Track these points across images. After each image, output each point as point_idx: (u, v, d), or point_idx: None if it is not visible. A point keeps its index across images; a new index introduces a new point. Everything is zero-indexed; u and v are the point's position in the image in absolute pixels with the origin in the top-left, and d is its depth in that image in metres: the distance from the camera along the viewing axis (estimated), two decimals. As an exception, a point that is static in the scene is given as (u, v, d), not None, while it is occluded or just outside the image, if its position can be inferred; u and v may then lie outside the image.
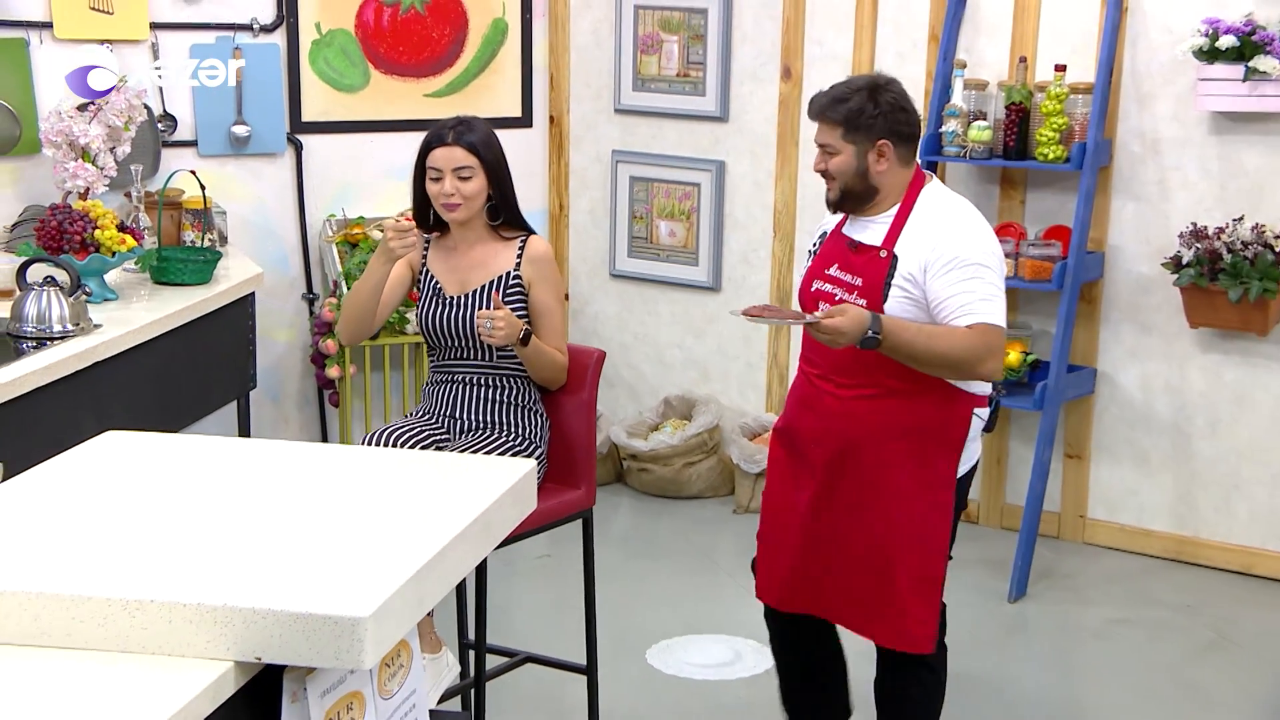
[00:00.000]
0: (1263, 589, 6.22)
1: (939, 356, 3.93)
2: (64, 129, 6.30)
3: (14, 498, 3.49)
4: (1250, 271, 5.95)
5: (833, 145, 4.08)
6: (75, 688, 2.73)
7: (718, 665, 5.46)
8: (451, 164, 4.54)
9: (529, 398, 4.62)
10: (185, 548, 3.23)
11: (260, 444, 4.64)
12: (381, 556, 3.15)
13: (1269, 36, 5.89)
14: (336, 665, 2.92)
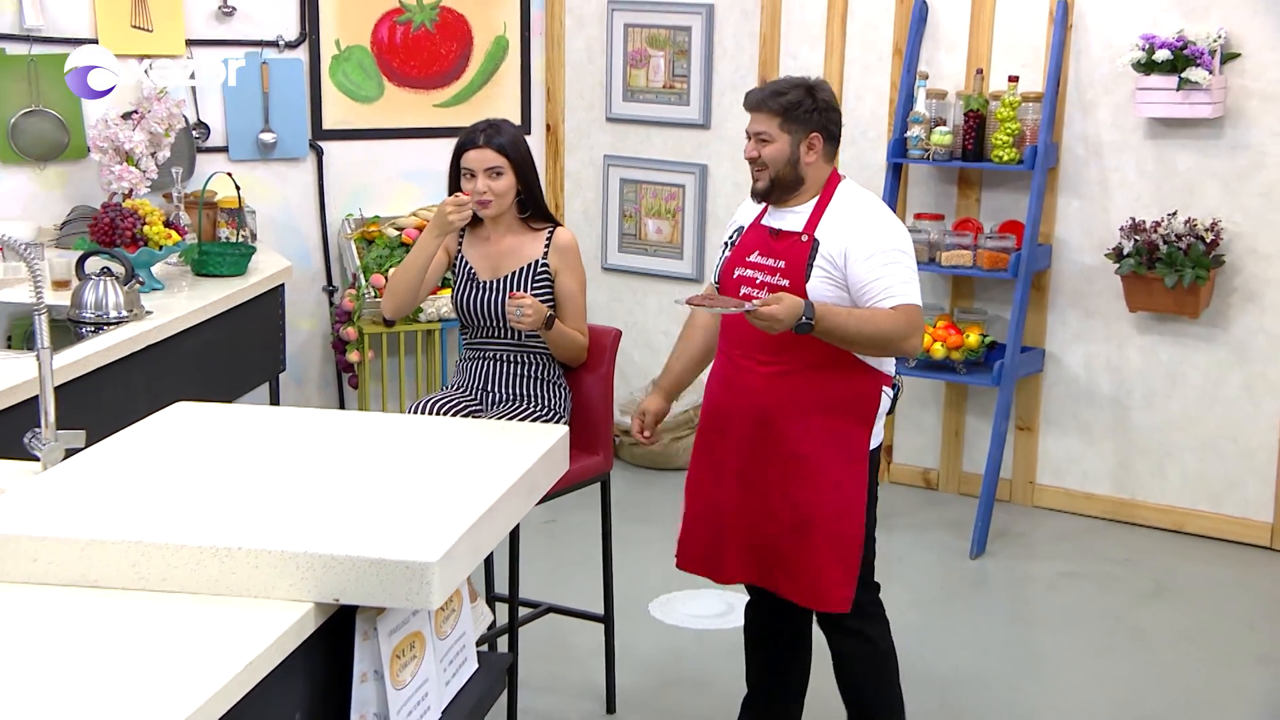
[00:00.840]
0: (1194, 544, 6.31)
1: (868, 337, 3.92)
2: (110, 136, 6.32)
3: (102, 461, 3.54)
4: (1184, 261, 6.04)
5: (769, 134, 4.06)
6: (172, 627, 2.78)
7: (713, 616, 5.49)
8: (483, 164, 4.58)
9: (553, 373, 4.65)
10: (265, 502, 3.29)
11: (319, 412, 4.66)
12: (442, 509, 3.22)
13: (1199, 51, 5.97)
14: (407, 605, 2.99)
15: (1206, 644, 5.46)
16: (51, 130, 6.52)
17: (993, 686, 5.05)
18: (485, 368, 4.68)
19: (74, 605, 2.87)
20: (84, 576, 2.96)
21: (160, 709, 2.43)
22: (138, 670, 2.59)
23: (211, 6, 6.79)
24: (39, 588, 2.95)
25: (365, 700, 3.10)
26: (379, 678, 3.10)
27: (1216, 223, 6.13)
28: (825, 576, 4.04)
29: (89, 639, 2.75)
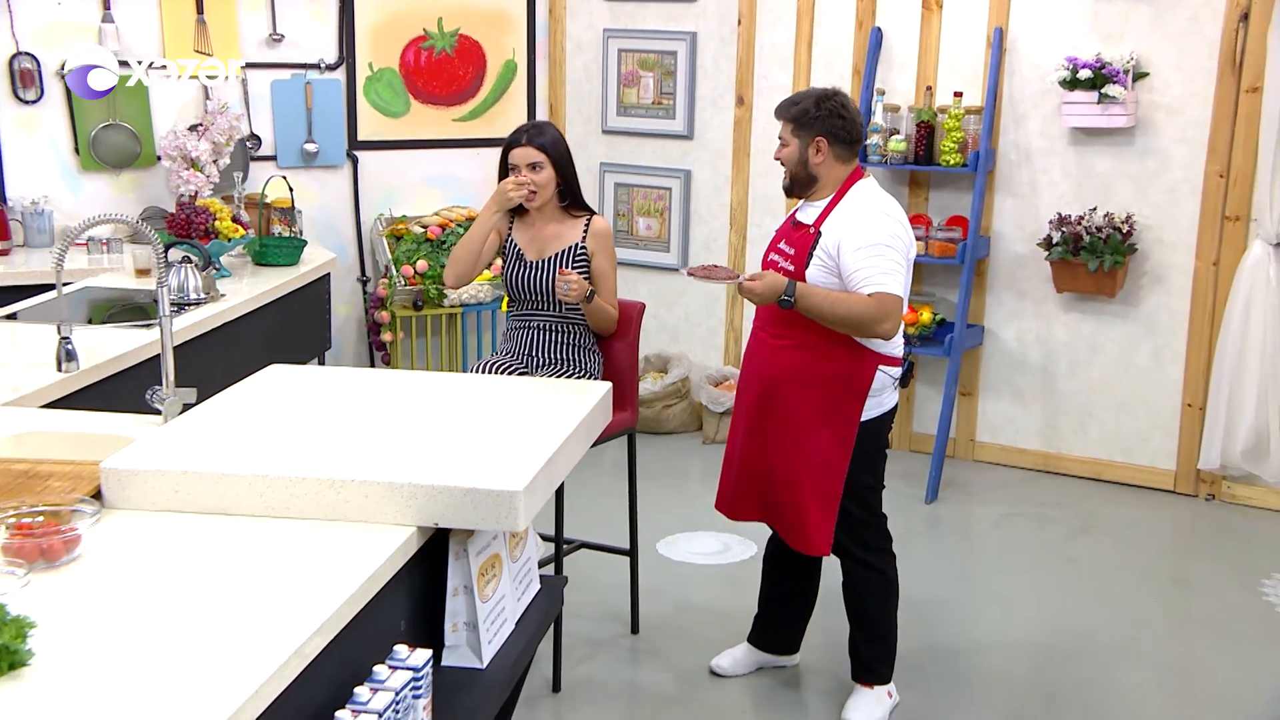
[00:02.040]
0: (1112, 490, 6.42)
1: (840, 318, 3.93)
2: (179, 145, 6.35)
3: (216, 412, 3.60)
4: (1104, 248, 6.15)
5: (784, 138, 4.11)
6: (296, 548, 2.86)
7: (712, 553, 5.55)
8: (525, 159, 4.61)
9: (588, 340, 4.70)
10: (368, 443, 3.37)
11: (397, 372, 4.72)
12: (520, 448, 3.29)
13: (1115, 70, 6.05)
14: (497, 528, 3.08)
15: (1127, 570, 5.57)
16: (126, 142, 6.56)
17: (951, 606, 5.14)
18: (530, 336, 4.70)
19: (210, 530, 2.94)
20: (218, 505, 3.03)
21: (294, 618, 2.49)
22: (270, 585, 2.67)
23: (263, 34, 6.82)
24: (180, 515, 3.01)
25: (457, 611, 3.19)
26: (468, 591, 3.19)
27: (1130, 216, 6.22)
28: (809, 524, 4.10)
29: (226, 559, 2.81)
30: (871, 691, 4.27)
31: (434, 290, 6.89)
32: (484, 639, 3.23)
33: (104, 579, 2.69)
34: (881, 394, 4.12)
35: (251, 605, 2.59)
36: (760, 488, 4.23)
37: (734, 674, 4.52)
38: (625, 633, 4.84)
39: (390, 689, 2.68)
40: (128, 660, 2.37)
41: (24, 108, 6.36)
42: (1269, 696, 4.44)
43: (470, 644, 3.21)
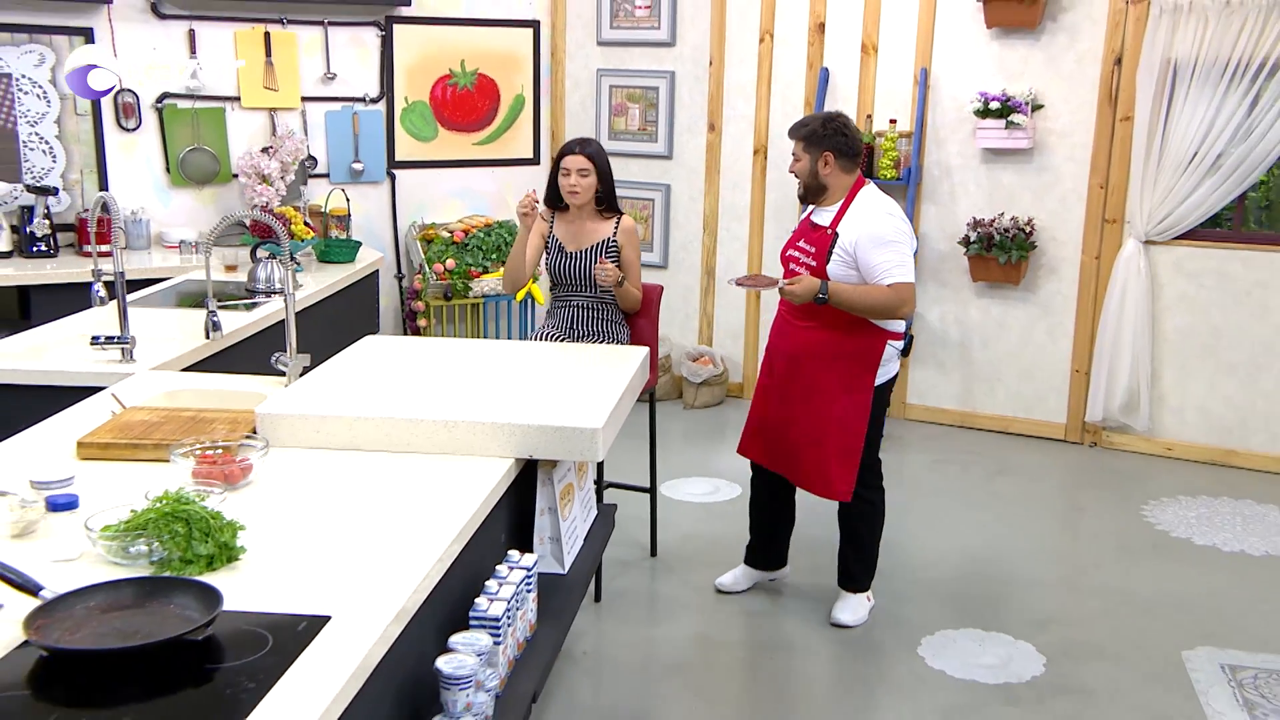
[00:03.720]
0: (1017, 440, 6.52)
1: (869, 307, 3.98)
2: (253, 164, 6.39)
3: (332, 373, 3.69)
4: (1011, 245, 6.25)
5: (796, 154, 4.13)
6: (419, 477, 2.96)
7: (706, 494, 5.60)
8: (575, 165, 4.64)
9: (617, 316, 4.74)
10: (467, 392, 3.46)
11: (472, 340, 4.73)
12: (592, 396, 3.40)
13: (1018, 103, 6.16)
14: (581, 458, 3.19)
15: (1034, 500, 5.72)
16: (208, 162, 6.54)
17: (891, 532, 5.09)
18: (571, 314, 4.72)
19: (348, 462, 3.04)
20: (351, 443, 3.14)
21: (436, 526, 2.61)
22: (403, 507, 2.76)
23: (319, 73, 6.81)
24: (321, 450, 3.12)
25: (543, 527, 3.32)
26: (553, 512, 3.32)
27: (1031, 220, 6.32)
28: (833, 475, 4.14)
29: (367, 483, 2.91)
30: (856, 596, 4.36)
31: (460, 284, 6.95)
32: (565, 550, 3.36)
33: (275, 497, 2.80)
34: (889, 363, 4.18)
35: (399, 516, 2.70)
36: (786, 445, 4.25)
37: (735, 590, 4.56)
38: (646, 556, 4.89)
39: (511, 583, 2.82)
40: (313, 554, 2.49)
41: (125, 134, 6.36)
42: (1150, 587, 4.63)
43: (554, 554, 3.33)
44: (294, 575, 2.38)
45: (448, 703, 2.43)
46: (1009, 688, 3.91)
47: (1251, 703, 3.82)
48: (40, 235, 5.91)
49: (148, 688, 1.97)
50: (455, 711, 2.43)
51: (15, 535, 2.55)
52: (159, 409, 3.40)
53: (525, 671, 2.84)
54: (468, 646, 2.51)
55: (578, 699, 3.80)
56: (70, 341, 4.27)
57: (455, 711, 2.43)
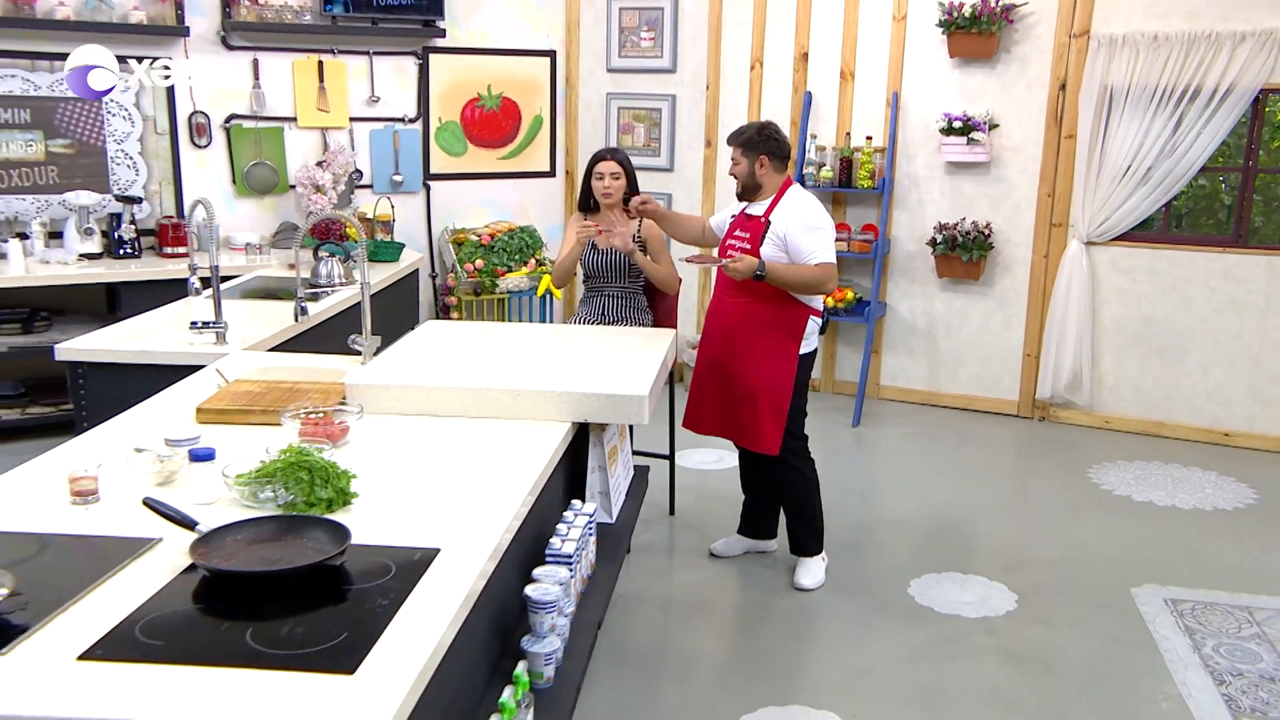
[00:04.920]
0: (977, 416, 6.56)
1: (800, 282, 3.99)
2: (309, 176, 6.44)
3: (404, 352, 3.75)
4: (972, 246, 6.32)
5: (736, 158, 4.13)
6: (491, 437, 3.04)
7: (711, 463, 5.63)
8: (608, 170, 4.65)
9: (642, 303, 4.77)
10: (525, 366, 3.54)
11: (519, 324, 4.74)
12: (634, 368, 3.48)
13: (977, 122, 6.22)
14: (629, 422, 3.26)
15: (998, 466, 5.82)
16: (268, 174, 6.57)
17: (876, 494, 5.31)
18: (602, 303, 4.75)
19: (428, 425, 3.12)
20: (429, 409, 3.22)
21: (511, 482, 2.68)
22: (482, 462, 2.83)
23: (364, 96, 6.83)
24: (403, 416, 3.20)
25: (594, 483, 3.41)
26: (602, 470, 3.41)
27: (989, 224, 6.38)
28: (763, 430, 4.12)
29: (447, 443, 2.99)
30: (809, 560, 4.31)
31: (488, 281, 6.99)
32: (613, 502, 3.45)
33: (371, 453, 2.88)
34: (810, 337, 4.18)
35: (480, 469, 2.79)
36: (723, 408, 4.22)
37: (726, 555, 4.51)
38: (665, 515, 4.93)
39: (578, 526, 2.91)
40: (414, 499, 2.58)
41: (198, 151, 6.39)
42: (1099, 536, 4.73)
43: (604, 506, 3.42)
44: (400, 516, 2.47)
45: (535, 624, 2.52)
46: (988, 620, 4.01)
47: (1191, 629, 3.95)
48: (126, 239, 5.95)
49: (295, 605, 2.06)
50: (542, 632, 2.52)
51: (159, 483, 2.64)
52: (259, 381, 3.48)
53: (590, 602, 2.94)
54: (549, 578, 2.61)
55: (613, 633, 3.88)
56: (166, 328, 4.34)
57: (542, 632, 2.52)
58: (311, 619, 2.02)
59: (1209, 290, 6.09)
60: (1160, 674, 3.64)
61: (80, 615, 1.98)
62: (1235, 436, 6.13)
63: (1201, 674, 3.63)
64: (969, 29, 6.19)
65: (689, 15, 7.01)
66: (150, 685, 1.76)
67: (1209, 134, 5.87)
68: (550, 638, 2.51)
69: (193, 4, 6.22)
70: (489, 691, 2.46)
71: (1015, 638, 3.89)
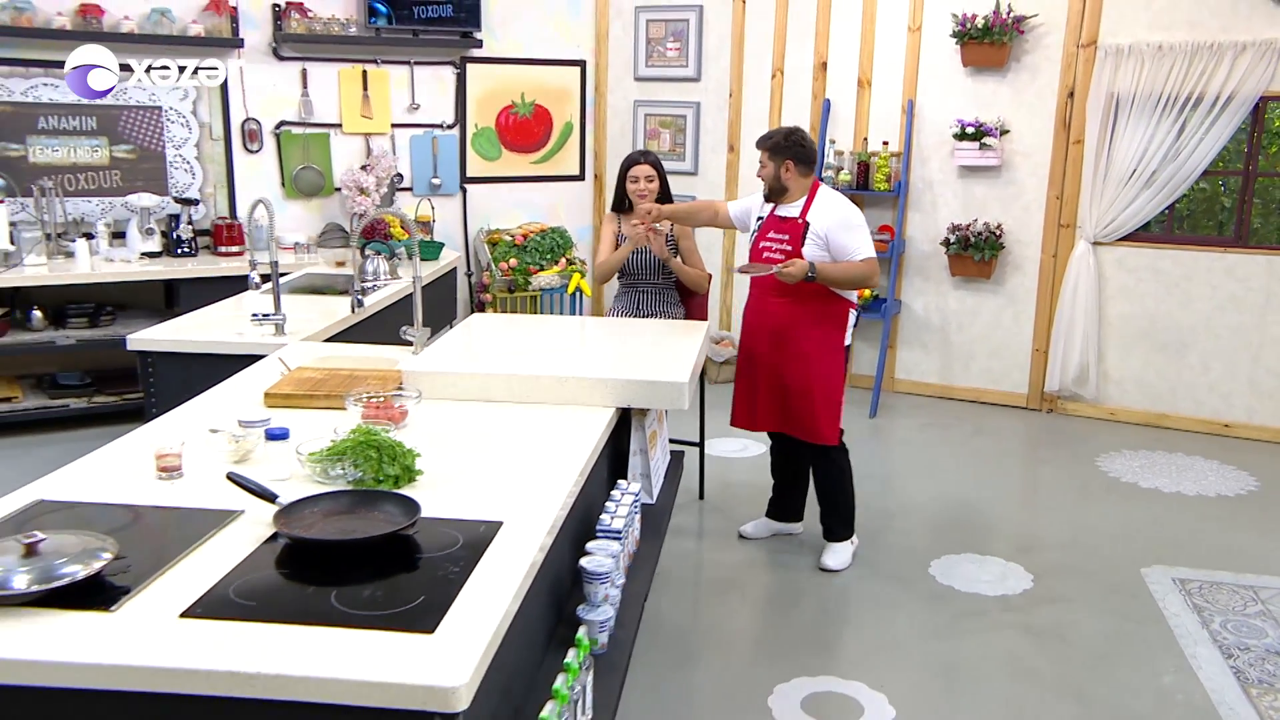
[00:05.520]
0: (988, 408, 6.56)
1: (849, 279, 3.97)
2: (354, 179, 6.49)
3: (454, 341, 3.79)
4: (983, 245, 6.33)
5: (763, 162, 4.10)
6: (541, 421, 3.07)
7: (737, 450, 5.64)
8: (642, 173, 4.68)
9: (674, 298, 4.79)
10: (570, 355, 3.57)
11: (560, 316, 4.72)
12: (673, 357, 3.52)
13: (989, 128, 6.23)
14: (670, 407, 3.28)
15: (1009, 455, 5.81)
16: (315, 178, 6.63)
17: (894, 481, 5.31)
18: (637, 298, 4.77)
19: (482, 410, 3.16)
20: (482, 395, 3.25)
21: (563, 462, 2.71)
22: (535, 443, 2.87)
23: (405, 103, 6.88)
24: (457, 401, 3.23)
25: (635, 465, 3.44)
26: (643, 453, 3.44)
27: (1000, 225, 6.38)
28: (821, 423, 4.12)
29: (500, 426, 3.02)
30: (839, 544, 4.31)
31: (521, 279, 7.04)
32: (654, 484, 3.48)
33: (430, 434, 2.92)
34: (851, 327, 4.22)
35: (534, 449, 2.82)
36: (779, 404, 4.19)
37: (755, 537, 4.52)
38: (695, 499, 4.97)
39: (625, 504, 2.95)
40: (474, 476, 2.62)
41: (250, 155, 6.46)
42: (1109, 520, 4.74)
43: (645, 487, 3.45)
44: (462, 491, 2.51)
45: (590, 594, 2.57)
46: (1006, 598, 4.04)
47: (1199, 606, 3.97)
48: (184, 239, 6.02)
49: (372, 572, 2.11)
50: (596, 601, 2.57)
51: (236, 461, 2.69)
52: (320, 369, 3.53)
53: (637, 575, 2.98)
54: (602, 551, 2.65)
55: (649, 608, 3.89)
56: (226, 321, 4.39)
57: (596, 601, 2.57)
58: (389, 584, 2.06)
59: (1210, 288, 6.09)
60: (1171, 648, 3.67)
61: (176, 578, 2.03)
62: (1235, 427, 6.13)
63: (1210, 648, 3.65)
64: (982, 39, 6.20)
65: (713, 27, 7.03)
66: (247, 641, 1.81)
67: (1211, 139, 5.87)
68: (604, 606, 2.56)
69: (247, 17, 6.29)
70: (546, 656, 2.51)
71: (1032, 614, 3.91)
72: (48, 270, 5.55)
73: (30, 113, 5.84)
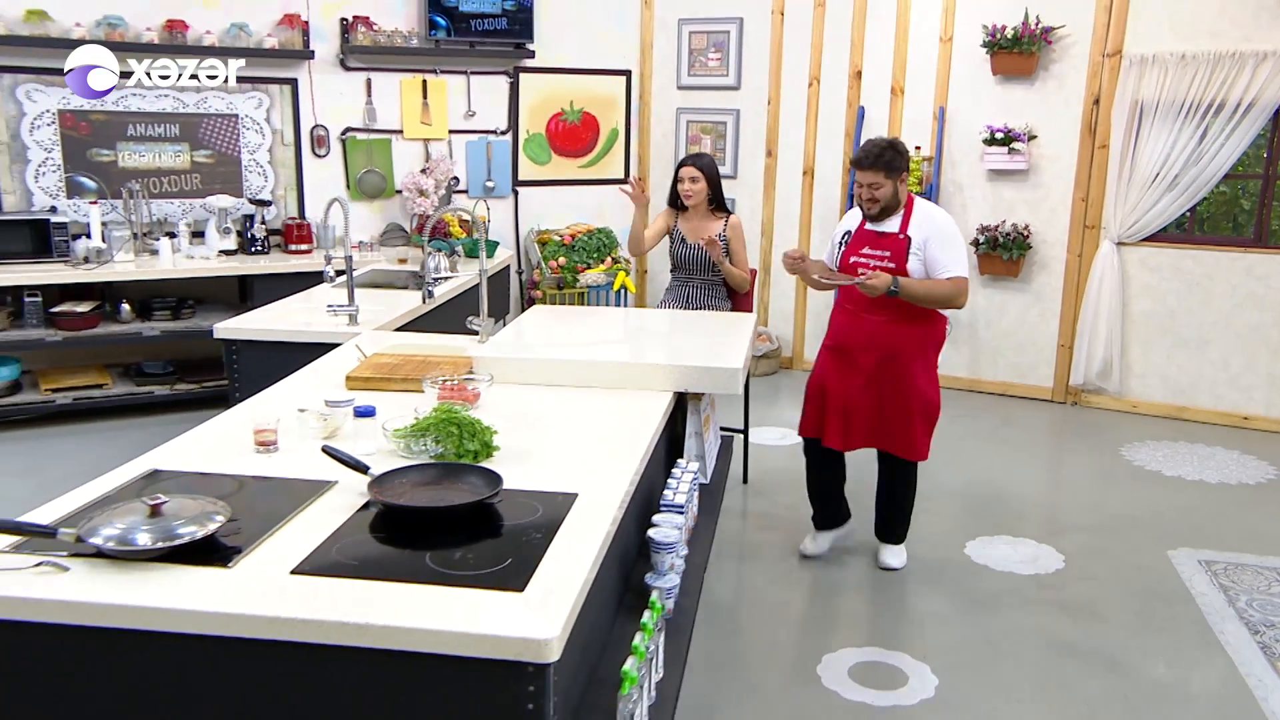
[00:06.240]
0: (1015, 401, 6.52)
1: (932, 299, 3.68)
2: (415, 182, 6.55)
3: (517, 330, 3.84)
4: (1012, 245, 6.31)
5: (878, 182, 3.72)
6: (602, 403, 3.11)
7: (777, 439, 5.62)
8: (688, 174, 4.72)
9: (722, 293, 4.82)
10: (629, 342, 3.60)
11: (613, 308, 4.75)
12: (725, 346, 3.56)
13: (1018, 134, 6.21)
14: (725, 392, 3.31)
15: (1037, 445, 5.79)
16: (378, 181, 6.68)
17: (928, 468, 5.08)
18: (686, 291, 4.81)
19: (548, 393, 3.20)
20: (548, 379, 3.30)
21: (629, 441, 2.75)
22: (600, 423, 2.91)
23: (462, 110, 6.92)
24: (525, 385, 3.27)
25: (690, 447, 3.48)
26: (698, 436, 3.47)
27: (1027, 226, 6.36)
28: (917, 439, 3.86)
29: (567, 408, 3.07)
30: (899, 545, 4.12)
31: (569, 277, 7.08)
32: (708, 465, 3.52)
33: (502, 414, 2.96)
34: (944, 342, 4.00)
35: (600, 429, 2.86)
36: (873, 422, 3.88)
37: (819, 554, 4.19)
38: (739, 482, 4.97)
39: (685, 481, 2.99)
40: (546, 452, 2.67)
41: (318, 160, 6.53)
42: (1135, 505, 4.73)
43: (701, 468, 3.49)
44: (538, 466, 2.55)
45: (658, 563, 2.61)
46: (1039, 577, 4.05)
47: (1225, 586, 3.96)
48: (257, 238, 6.11)
49: (461, 537, 2.16)
50: (663, 570, 2.61)
51: (325, 436, 2.75)
52: (395, 355, 3.59)
53: (697, 547, 3.02)
54: (667, 523, 2.69)
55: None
56: (301, 312, 4.46)
57: (663, 570, 2.61)
58: (477, 549, 2.11)
59: (1230, 287, 6.05)
60: (1199, 624, 3.66)
61: (283, 540, 2.09)
62: (1254, 420, 6.08)
63: (1237, 624, 3.64)
64: (1011, 49, 6.19)
65: (753, 37, 7.04)
66: (354, 595, 1.86)
67: (1232, 144, 5.83)
68: (670, 574, 2.60)
69: (317, 30, 6.37)
70: (616, 621, 2.56)
71: (1065, 592, 3.92)
72: (135, 266, 5.66)
73: (120, 121, 5.96)
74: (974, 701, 3.18)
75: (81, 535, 1.92)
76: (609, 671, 2.33)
